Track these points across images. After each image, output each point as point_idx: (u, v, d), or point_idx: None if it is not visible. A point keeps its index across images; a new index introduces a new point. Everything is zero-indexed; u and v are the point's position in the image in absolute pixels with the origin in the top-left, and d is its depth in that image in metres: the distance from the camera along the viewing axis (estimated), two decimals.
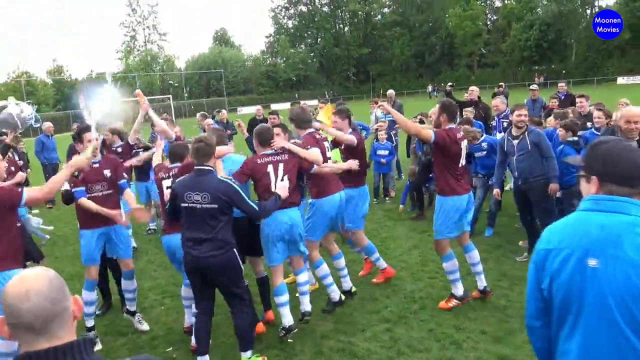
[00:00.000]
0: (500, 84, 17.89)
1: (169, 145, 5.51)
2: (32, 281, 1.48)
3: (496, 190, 6.77)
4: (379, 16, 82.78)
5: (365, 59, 78.88)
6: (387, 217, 8.88)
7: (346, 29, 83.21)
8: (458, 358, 4.31)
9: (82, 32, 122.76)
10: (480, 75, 66.01)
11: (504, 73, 63.39)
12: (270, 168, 4.75)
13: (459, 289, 5.25)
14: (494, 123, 9.24)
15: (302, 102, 7.56)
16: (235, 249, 4.24)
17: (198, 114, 12.15)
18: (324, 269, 5.32)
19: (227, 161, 5.06)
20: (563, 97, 10.91)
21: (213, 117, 12.52)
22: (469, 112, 9.21)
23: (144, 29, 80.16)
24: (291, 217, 4.80)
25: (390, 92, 12.77)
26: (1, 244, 3.84)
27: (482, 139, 7.58)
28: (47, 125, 12.59)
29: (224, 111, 13.26)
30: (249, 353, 4.35)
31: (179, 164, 4.89)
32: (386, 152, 9.81)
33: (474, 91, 10.41)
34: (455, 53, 71.16)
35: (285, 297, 4.83)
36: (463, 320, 4.94)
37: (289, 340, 4.84)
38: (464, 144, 5.25)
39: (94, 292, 5.16)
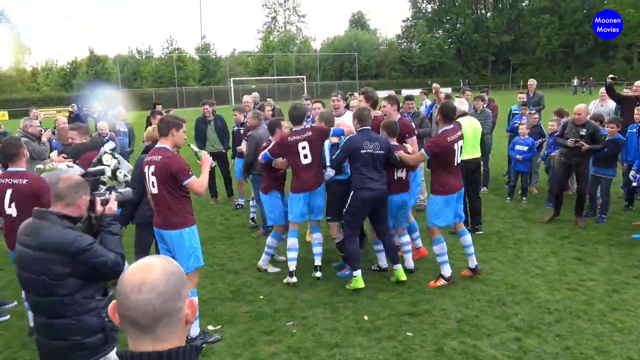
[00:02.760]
0: None
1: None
2: (149, 272, 1.33)
3: None
4: (526, 1, 77.32)
5: (506, 47, 74.37)
6: (523, 218, 8.26)
7: (488, 14, 79.09)
8: None
9: (227, 11, 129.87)
10: None
11: None
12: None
13: (446, 271, 5.71)
14: None
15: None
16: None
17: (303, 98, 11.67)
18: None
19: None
20: None
21: (345, 99, 12.50)
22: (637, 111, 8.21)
23: (284, 11, 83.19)
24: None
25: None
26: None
27: None
28: None
29: (355, 94, 13.22)
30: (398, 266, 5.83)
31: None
32: (525, 148, 9.08)
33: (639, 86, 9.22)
34: (611, 44, 64.11)
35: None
36: (607, 342, 4.41)
37: (408, 333, 4.70)
38: (458, 144, 5.66)
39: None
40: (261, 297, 5.65)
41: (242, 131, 8.82)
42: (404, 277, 5.77)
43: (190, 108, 43.68)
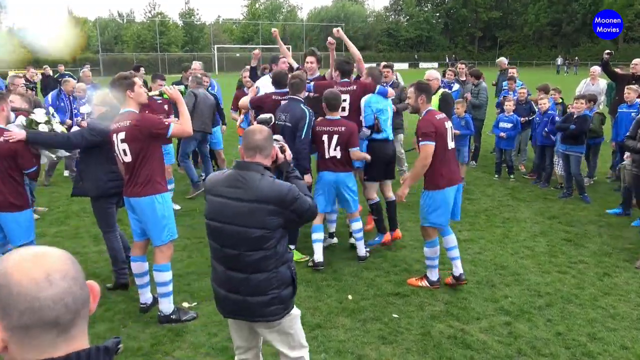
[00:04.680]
0: None
1: None
2: (48, 260, 1.05)
3: None
4: None
5: (494, 23, 73.81)
6: (511, 196, 8.08)
7: None
8: None
9: None
10: (625, 51, 59.04)
11: None
12: (325, 137, 5.32)
13: (433, 275, 5.07)
14: None
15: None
16: None
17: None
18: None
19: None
20: None
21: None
22: (632, 88, 7.99)
23: None
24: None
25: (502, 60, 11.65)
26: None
27: None
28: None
29: None
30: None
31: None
32: (509, 125, 8.85)
33: (638, 64, 9.01)
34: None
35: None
36: (600, 329, 4.25)
37: (394, 315, 4.49)
38: (448, 124, 4.89)
39: None
40: None
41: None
42: (297, 257, 5.59)
43: (174, 75, 42.65)
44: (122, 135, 4.05)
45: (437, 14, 76.92)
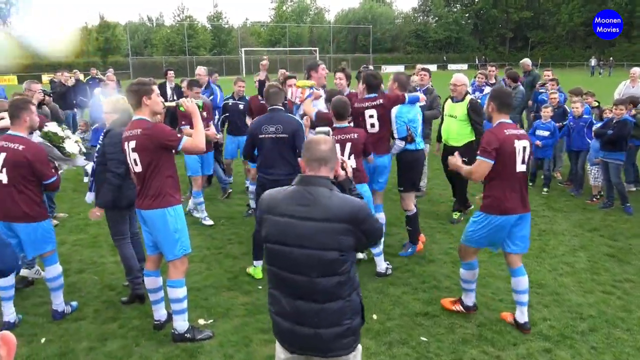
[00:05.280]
0: None
1: None
2: None
3: None
4: None
5: (525, 23, 72.27)
6: (546, 206, 7.65)
7: None
8: None
9: None
10: None
11: None
12: (337, 147, 4.78)
13: (469, 299, 4.54)
14: None
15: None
16: None
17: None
18: None
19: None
20: None
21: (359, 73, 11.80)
22: None
23: None
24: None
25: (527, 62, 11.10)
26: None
27: None
28: None
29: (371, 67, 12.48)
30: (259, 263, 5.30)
31: None
32: (546, 133, 8.35)
33: None
34: (635, 23, 62.06)
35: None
36: None
37: (422, 338, 4.17)
38: (522, 143, 4.02)
39: None
40: (260, 287, 5.13)
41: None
42: (259, 276, 5.32)
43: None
44: (132, 144, 3.87)
45: (467, 15, 75.74)
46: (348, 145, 5.01)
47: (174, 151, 3.94)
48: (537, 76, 11.07)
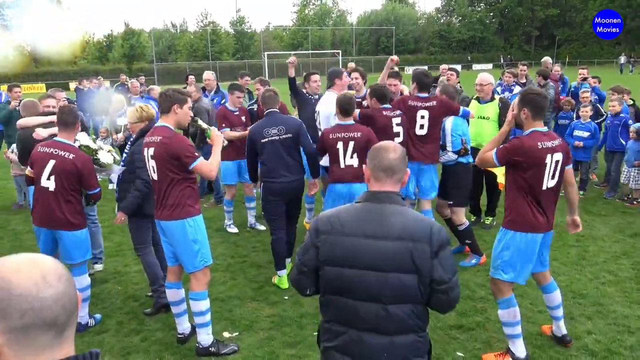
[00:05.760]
0: None
1: None
2: (42, 263, 1.10)
3: None
4: None
5: (551, 21, 70.79)
6: (583, 210, 7.30)
7: None
8: None
9: None
10: None
11: None
12: (340, 145, 4.82)
13: (519, 349, 3.76)
14: None
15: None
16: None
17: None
18: None
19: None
20: None
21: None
22: None
23: None
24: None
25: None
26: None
27: None
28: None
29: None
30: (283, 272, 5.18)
31: None
32: (586, 134, 7.98)
33: None
34: None
35: None
36: None
37: (458, 353, 3.94)
38: (556, 157, 3.51)
39: None
40: (286, 297, 4.97)
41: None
42: (285, 286, 5.15)
43: (225, 82, 43.18)
44: (151, 151, 3.77)
45: (491, 14, 74.58)
46: (351, 143, 4.83)
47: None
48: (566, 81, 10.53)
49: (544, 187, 3.53)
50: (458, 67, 12.93)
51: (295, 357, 3.96)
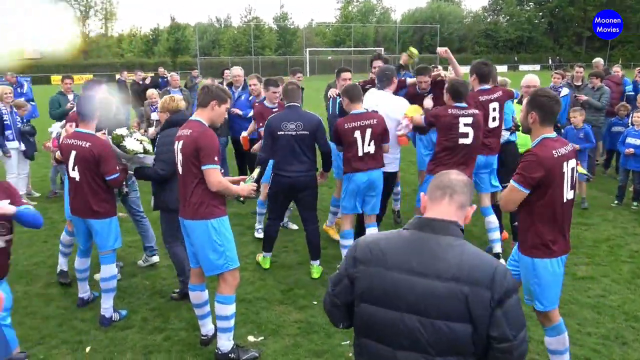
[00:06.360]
0: None
1: None
2: None
3: None
4: None
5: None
6: (638, 223, 6.80)
7: None
8: None
9: None
10: None
11: None
12: (357, 133, 4.83)
13: None
14: None
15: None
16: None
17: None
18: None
19: None
20: None
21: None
22: None
23: None
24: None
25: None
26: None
27: None
28: None
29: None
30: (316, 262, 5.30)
31: None
32: (639, 142, 7.44)
33: None
34: None
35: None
36: None
37: None
38: (571, 164, 3.16)
39: None
40: (315, 302, 4.76)
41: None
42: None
43: (266, 77, 43.36)
44: (180, 144, 3.64)
45: (540, 13, 72.41)
46: (368, 131, 4.86)
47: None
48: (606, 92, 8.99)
49: (564, 200, 3.16)
50: (504, 67, 12.38)
51: None
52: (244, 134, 6.93)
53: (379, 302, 1.82)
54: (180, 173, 3.69)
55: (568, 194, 3.17)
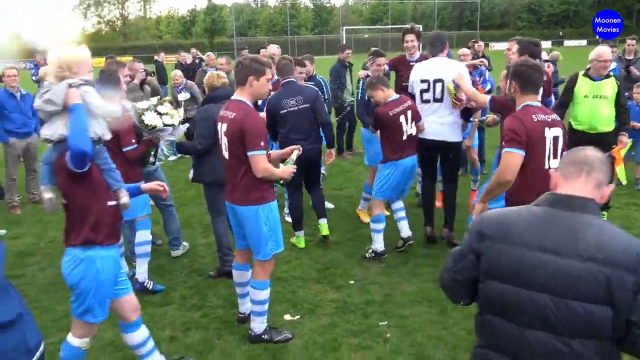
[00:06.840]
0: None
1: None
2: None
3: None
4: None
5: None
6: None
7: None
8: None
9: None
10: None
11: None
12: (402, 118, 4.89)
13: None
14: None
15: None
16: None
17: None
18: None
19: None
20: None
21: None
22: None
23: None
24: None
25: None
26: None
27: None
28: None
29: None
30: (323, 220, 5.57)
31: None
32: None
33: None
34: None
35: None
36: None
37: None
38: (553, 132, 3.27)
39: None
40: (351, 282, 4.72)
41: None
42: (326, 232, 5.53)
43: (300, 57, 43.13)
44: (224, 127, 3.54)
45: None
46: (409, 112, 4.93)
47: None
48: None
49: (546, 167, 3.23)
50: (548, 43, 11.81)
51: (359, 347, 3.71)
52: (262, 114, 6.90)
53: (506, 279, 1.75)
54: (227, 157, 3.59)
55: (552, 162, 3.24)
